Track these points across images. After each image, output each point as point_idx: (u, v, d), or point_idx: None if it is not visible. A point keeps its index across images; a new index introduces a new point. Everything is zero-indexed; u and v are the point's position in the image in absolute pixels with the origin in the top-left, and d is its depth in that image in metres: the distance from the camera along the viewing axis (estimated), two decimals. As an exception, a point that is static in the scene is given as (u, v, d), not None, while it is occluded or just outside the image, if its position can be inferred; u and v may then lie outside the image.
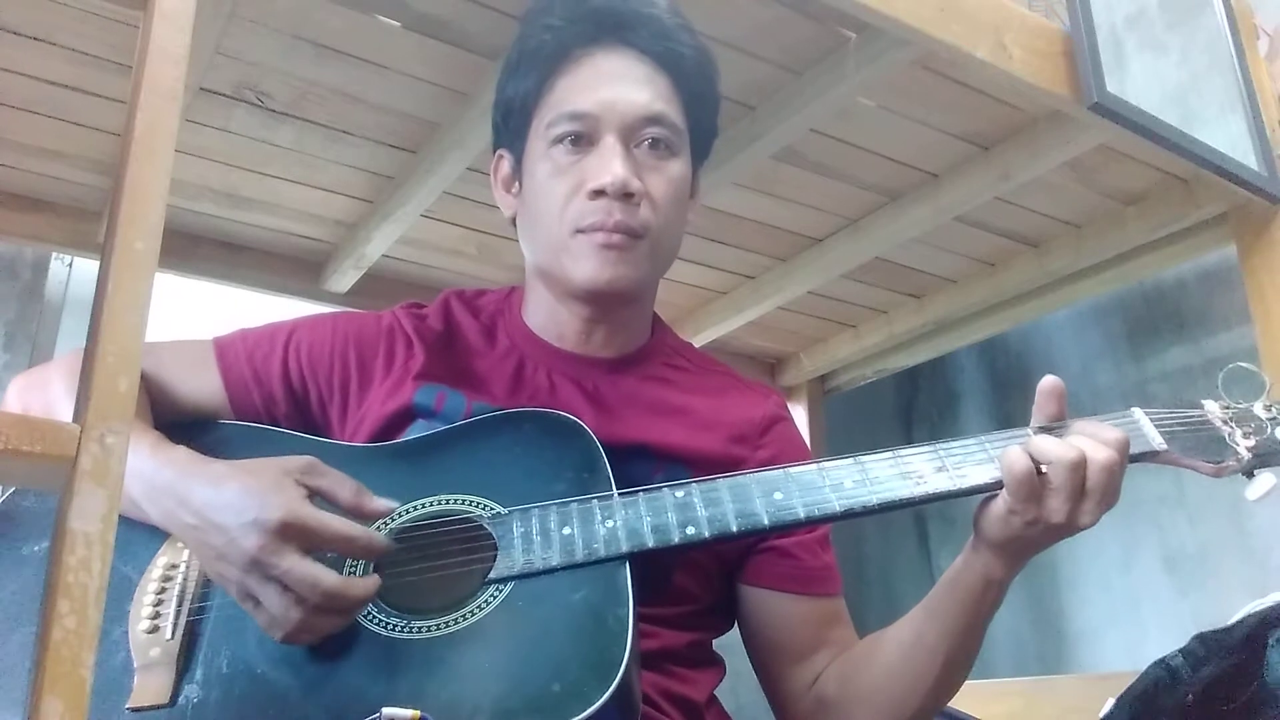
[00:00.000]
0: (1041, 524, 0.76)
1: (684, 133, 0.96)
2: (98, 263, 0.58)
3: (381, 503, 0.77)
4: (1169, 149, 1.39)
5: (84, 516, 0.48)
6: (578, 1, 0.95)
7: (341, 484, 0.76)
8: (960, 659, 0.84)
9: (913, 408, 2.71)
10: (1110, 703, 0.90)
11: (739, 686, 1.02)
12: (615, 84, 0.92)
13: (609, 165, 0.89)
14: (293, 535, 0.70)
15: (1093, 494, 0.75)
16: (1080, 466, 0.74)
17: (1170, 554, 1.98)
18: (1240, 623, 0.87)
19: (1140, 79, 1.37)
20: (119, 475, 0.50)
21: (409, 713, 0.66)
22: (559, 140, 0.91)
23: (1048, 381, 0.81)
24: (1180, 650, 0.87)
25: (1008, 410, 2.42)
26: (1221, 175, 1.45)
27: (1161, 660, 0.87)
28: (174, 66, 0.57)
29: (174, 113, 0.57)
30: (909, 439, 2.67)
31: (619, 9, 0.94)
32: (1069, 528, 0.76)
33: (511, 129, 0.97)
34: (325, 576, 0.70)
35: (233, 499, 0.71)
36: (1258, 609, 0.90)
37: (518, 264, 1.87)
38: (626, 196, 0.89)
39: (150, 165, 0.55)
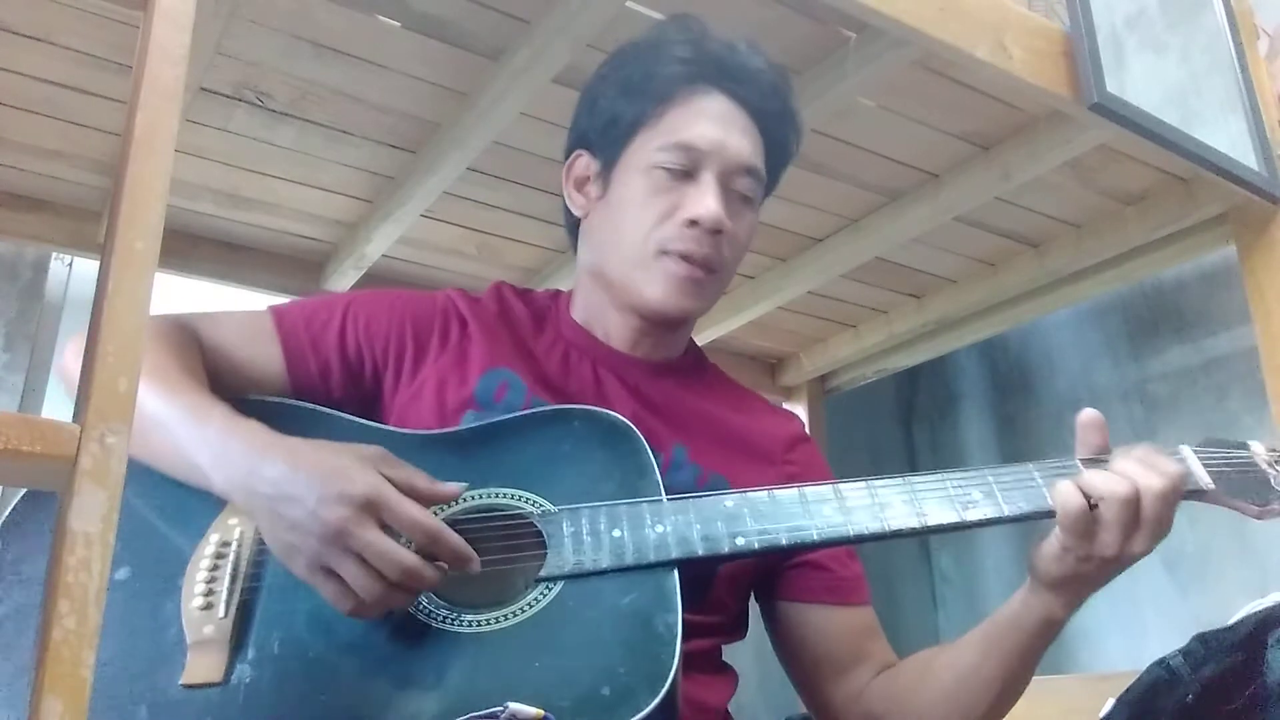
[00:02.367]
0: (1095, 559, 0.76)
1: (763, 188, 1.02)
2: (98, 263, 0.58)
3: (452, 487, 0.78)
4: (1169, 149, 1.39)
5: (84, 516, 0.48)
6: (701, 42, 1.00)
7: (415, 475, 0.77)
8: (1015, 690, 0.85)
9: (913, 408, 2.71)
10: (1110, 703, 0.90)
11: (739, 686, 1.03)
12: (726, 127, 0.97)
13: (708, 200, 0.94)
14: (374, 512, 0.72)
15: (1147, 524, 0.75)
16: (1133, 502, 0.75)
17: (1170, 554, 1.98)
18: (1240, 623, 0.87)
19: (1140, 79, 1.37)
20: (119, 475, 0.50)
21: (534, 711, 0.66)
22: (664, 165, 0.95)
23: (1088, 415, 0.82)
24: (1180, 650, 0.87)
25: (1008, 410, 2.42)
26: (1221, 175, 1.45)
27: (1161, 660, 0.88)
28: (174, 66, 0.57)
29: (174, 113, 0.57)
30: (909, 439, 2.68)
31: (736, 61, 1.00)
32: (1121, 560, 0.76)
33: (609, 138, 1.00)
34: (407, 554, 0.72)
35: (314, 473, 0.73)
36: (1258, 609, 0.90)
37: (518, 264, 1.89)
38: (716, 233, 0.94)
39: (150, 165, 0.55)
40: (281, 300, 1.80)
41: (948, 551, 2.56)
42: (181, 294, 1.79)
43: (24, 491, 0.81)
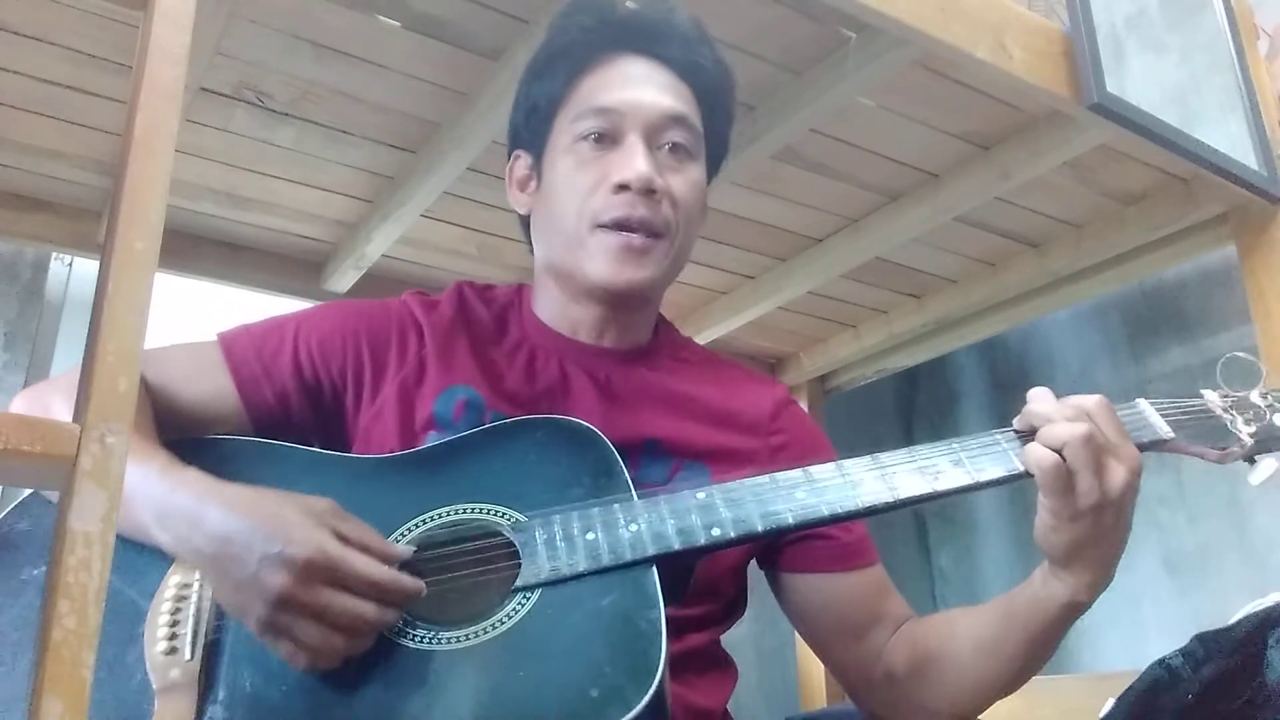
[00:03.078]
0: (1085, 512, 0.75)
1: (702, 139, 0.98)
2: (98, 263, 0.58)
3: (399, 549, 0.76)
4: (1169, 149, 1.39)
5: (84, 516, 0.48)
6: (606, 10, 0.98)
7: (366, 532, 0.74)
8: (1037, 664, 0.85)
9: (913, 408, 2.71)
10: (1110, 703, 0.90)
11: (739, 686, 1.03)
12: (641, 86, 0.94)
13: (632, 161, 0.91)
14: (319, 573, 0.69)
15: (1111, 451, 0.75)
16: (1093, 438, 0.74)
17: (1170, 554, 1.98)
18: (1240, 623, 0.87)
19: (1140, 79, 1.37)
20: (119, 475, 0.50)
21: None
22: (584, 136, 0.93)
23: (1036, 391, 0.83)
24: (1180, 650, 0.87)
25: (1008, 410, 2.41)
26: (1221, 175, 1.45)
27: (1161, 660, 0.87)
28: (174, 66, 0.57)
29: (174, 113, 0.57)
30: (909, 439, 2.67)
31: (645, 20, 0.97)
32: (1107, 503, 0.75)
33: (533, 128, 0.99)
34: (365, 607, 0.70)
35: (254, 529, 0.70)
36: (1258, 609, 0.90)
37: (518, 264, 1.89)
38: (649, 193, 0.91)
39: (150, 165, 0.55)
40: (280, 301, 1.82)
41: (947, 551, 2.56)
42: (181, 294, 1.79)
43: None
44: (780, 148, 1.52)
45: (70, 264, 1.81)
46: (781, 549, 0.96)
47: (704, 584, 0.91)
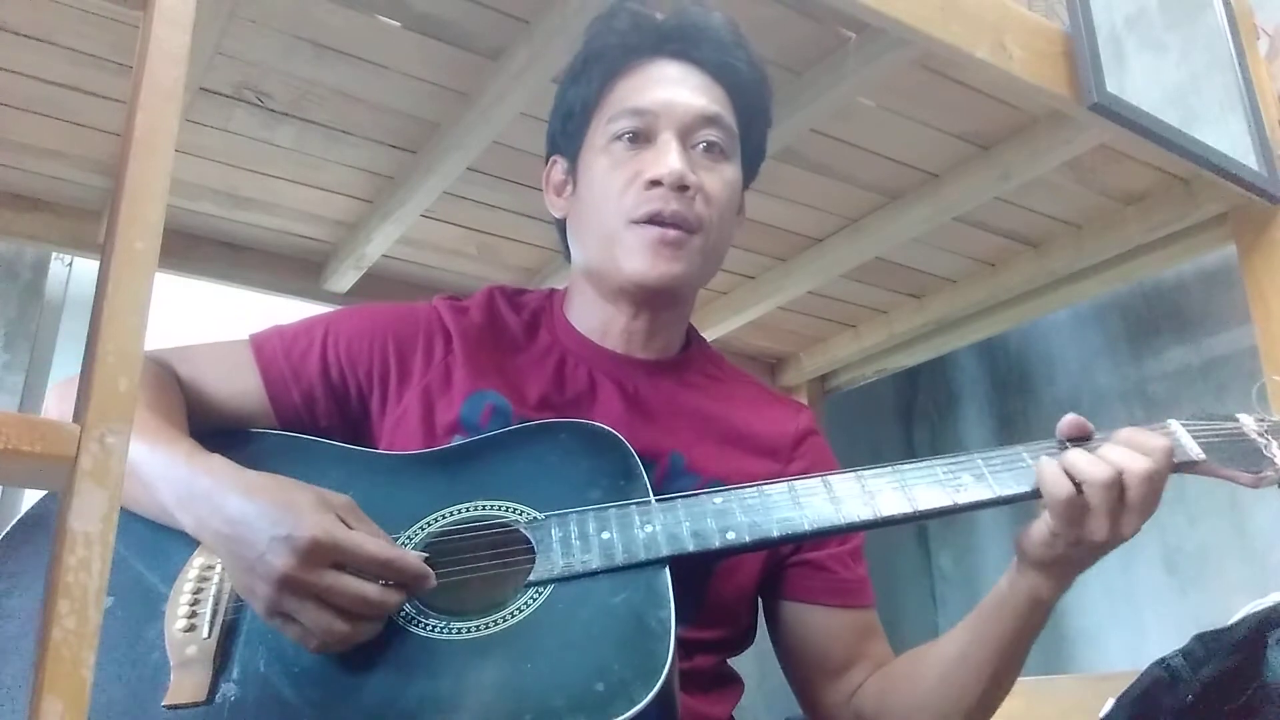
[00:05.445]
0: (1085, 544, 0.75)
1: (737, 140, 0.98)
2: (98, 263, 0.57)
3: (412, 561, 0.75)
4: (1169, 149, 1.39)
5: (84, 516, 0.48)
6: (641, 15, 0.98)
7: (373, 530, 0.75)
8: (1005, 677, 0.85)
9: (913, 408, 2.71)
10: (1110, 703, 0.90)
11: (739, 687, 1.03)
12: (674, 87, 0.95)
13: (665, 158, 0.91)
14: (325, 554, 0.70)
15: (1133, 506, 0.75)
16: (1115, 485, 0.74)
17: (1170, 554, 1.98)
18: (1240, 623, 0.87)
19: (1140, 79, 1.37)
20: (119, 475, 0.50)
21: None
22: (618, 136, 0.94)
23: (1069, 421, 0.82)
24: (1180, 650, 0.87)
25: (1008, 410, 2.42)
26: (1221, 175, 1.45)
27: (1161, 660, 0.87)
28: (174, 66, 0.57)
29: (174, 113, 0.56)
30: (909, 439, 2.67)
31: (681, 24, 0.98)
32: (1111, 543, 0.76)
33: (569, 132, 0.99)
34: (368, 588, 0.71)
35: (266, 512, 0.71)
36: (1258, 609, 0.90)
37: (518, 264, 1.89)
38: (682, 189, 0.91)
39: (150, 165, 0.55)
40: (280, 301, 1.82)
41: (948, 551, 2.56)
42: (181, 294, 1.79)
43: None
44: (780, 148, 1.52)
45: (70, 264, 1.81)
46: (784, 574, 0.96)
47: (716, 605, 0.91)
